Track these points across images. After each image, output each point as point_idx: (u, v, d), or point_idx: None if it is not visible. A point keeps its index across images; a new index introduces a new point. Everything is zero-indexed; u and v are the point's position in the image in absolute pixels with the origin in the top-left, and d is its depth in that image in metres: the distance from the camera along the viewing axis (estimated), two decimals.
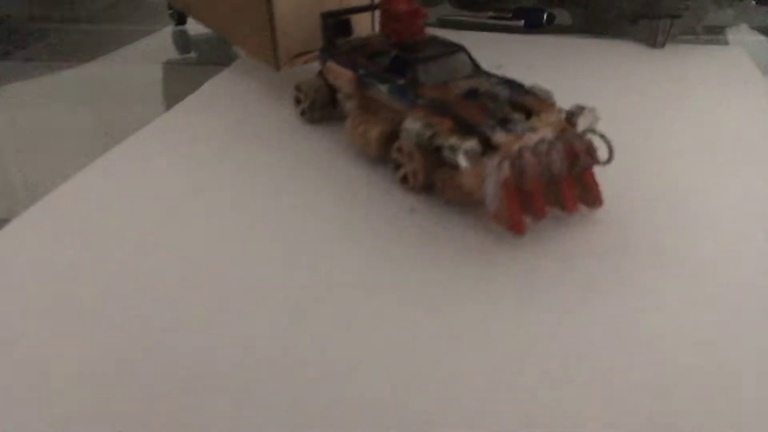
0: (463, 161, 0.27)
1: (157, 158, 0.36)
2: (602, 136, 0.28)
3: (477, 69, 0.33)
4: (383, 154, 0.33)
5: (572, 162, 0.28)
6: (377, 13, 0.38)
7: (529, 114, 0.29)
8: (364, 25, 0.39)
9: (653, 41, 0.50)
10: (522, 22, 0.54)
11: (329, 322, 0.24)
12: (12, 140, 0.41)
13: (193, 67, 0.54)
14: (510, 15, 0.55)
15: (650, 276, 0.26)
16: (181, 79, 0.51)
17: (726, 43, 0.53)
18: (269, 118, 0.40)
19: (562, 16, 0.57)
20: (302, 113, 0.39)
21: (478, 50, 0.50)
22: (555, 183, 0.28)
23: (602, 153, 0.29)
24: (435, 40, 0.33)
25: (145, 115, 0.42)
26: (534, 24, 0.54)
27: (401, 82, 0.31)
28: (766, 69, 0.46)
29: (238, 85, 0.45)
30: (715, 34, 0.55)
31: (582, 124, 0.29)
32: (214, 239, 0.29)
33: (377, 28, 0.40)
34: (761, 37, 0.55)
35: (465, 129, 0.28)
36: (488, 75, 0.32)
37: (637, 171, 0.33)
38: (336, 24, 0.36)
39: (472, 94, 0.30)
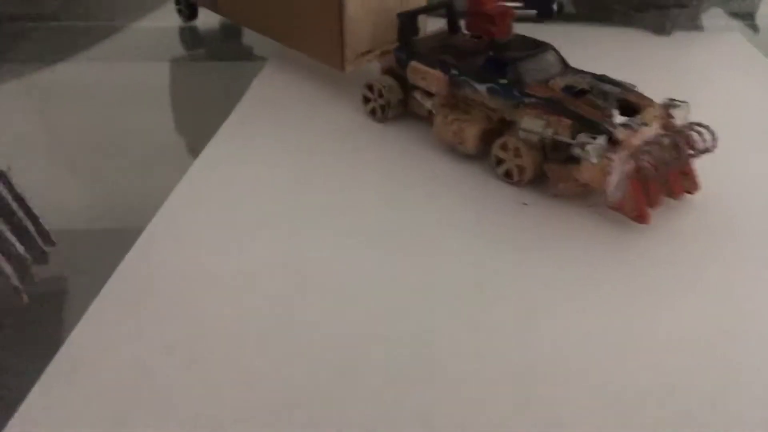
0: (594, 157, 0.29)
1: (245, 165, 0.36)
2: (708, 127, 0.31)
3: (566, 66, 0.34)
4: (481, 150, 0.34)
5: (679, 153, 0.30)
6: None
7: (633, 110, 0.31)
8: (420, 25, 0.40)
9: (661, 29, 0.53)
10: (534, 12, 0.56)
11: (508, 315, 0.25)
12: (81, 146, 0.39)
13: (203, 63, 0.52)
14: (521, 5, 0.56)
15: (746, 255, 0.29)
16: (200, 75, 0.50)
17: (701, 28, 0.56)
18: (336, 117, 0.40)
19: (567, 5, 0.59)
20: (372, 112, 0.39)
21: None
22: (665, 173, 0.30)
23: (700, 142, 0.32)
24: (525, 39, 0.35)
25: (195, 119, 0.42)
26: (545, 13, 0.56)
27: (503, 81, 0.33)
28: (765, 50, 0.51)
29: (288, 84, 0.44)
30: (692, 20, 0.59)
31: (680, 116, 0.31)
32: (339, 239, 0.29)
33: (427, 28, 0.41)
34: (736, 22, 0.60)
35: (586, 126, 0.30)
36: (577, 71, 0.34)
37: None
38: (411, 24, 0.37)
39: (569, 90, 0.32)
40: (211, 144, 0.38)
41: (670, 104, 0.32)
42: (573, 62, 0.35)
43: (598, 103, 0.31)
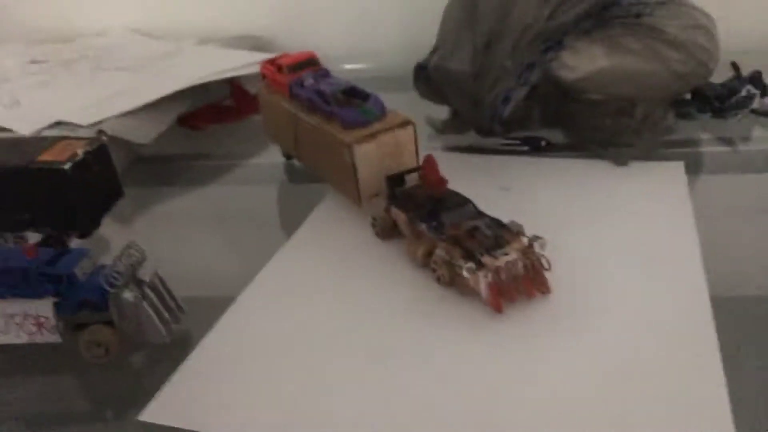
0: (466, 274, 0.50)
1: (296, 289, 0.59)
2: (543, 256, 0.51)
3: (478, 213, 0.55)
4: (425, 263, 0.56)
5: (528, 270, 0.50)
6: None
7: (507, 242, 0.52)
8: (412, 177, 0.63)
9: (618, 161, 0.72)
10: (526, 147, 0.77)
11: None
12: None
13: (302, 186, 0.79)
14: (518, 143, 0.77)
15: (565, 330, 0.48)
16: (291, 198, 0.77)
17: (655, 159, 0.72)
18: (358, 237, 0.64)
19: (557, 137, 0.79)
20: (377, 234, 0.63)
21: (492, 171, 0.72)
22: (519, 281, 0.50)
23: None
24: (454, 194, 0.57)
25: (267, 235, 0.67)
26: (534, 147, 0.77)
27: (434, 223, 0.55)
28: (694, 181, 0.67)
29: (336, 212, 0.69)
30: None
31: (537, 247, 0.51)
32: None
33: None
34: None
35: (468, 254, 0.51)
36: (484, 216, 0.55)
37: (574, 268, 0.55)
38: (394, 181, 0.60)
39: (474, 229, 0.53)
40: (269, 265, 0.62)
41: (533, 238, 0.52)
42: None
43: (481, 239, 0.52)
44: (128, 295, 0.48)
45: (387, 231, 0.61)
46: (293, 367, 0.48)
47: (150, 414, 0.45)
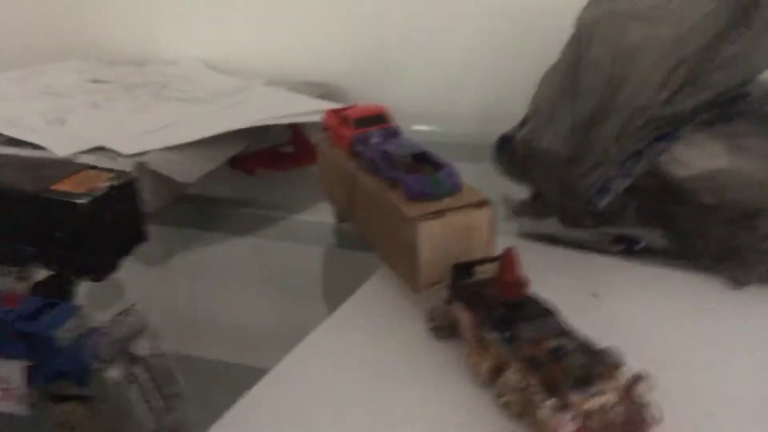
0: (546, 414, 0.38)
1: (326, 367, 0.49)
2: (649, 405, 0.38)
3: (564, 330, 0.44)
4: (490, 381, 0.44)
5: (628, 420, 0.38)
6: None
7: (599, 376, 0.40)
8: (486, 268, 0.51)
9: (736, 281, 0.59)
10: (620, 247, 0.65)
11: None
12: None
13: (350, 252, 0.69)
14: (611, 238, 0.66)
15: None
16: (338, 265, 0.67)
17: None
18: (408, 331, 0.52)
19: (656, 238, 0.67)
20: (431, 330, 0.51)
21: (577, 271, 0.61)
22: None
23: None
24: (535, 302, 0.45)
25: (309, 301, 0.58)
26: (630, 250, 0.65)
27: (507, 334, 0.43)
28: None
29: (385, 292, 0.58)
30: None
31: (642, 389, 0.39)
32: None
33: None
34: None
35: (550, 386, 0.39)
36: (571, 336, 0.43)
37: (689, 426, 0.42)
38: (461, 271, 0.49)
39: (558, 349, 0.42)
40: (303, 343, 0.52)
41: (636, 377, 0.40)
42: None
43: (567, 368, 0.40)
44: (113, 373, 0.38)
45: (445, 329, 0.50)
46: None
47: None
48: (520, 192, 0.71)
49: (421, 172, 0.54)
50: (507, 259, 0.46)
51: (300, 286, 0.66)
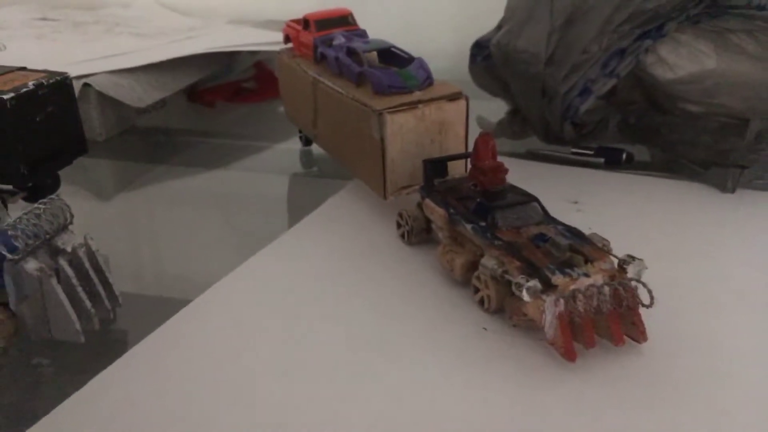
0: (526, 296, 0.34)
1: (284, 272, 0.45)
2: (644, 285, 0.34)
3: (547, 216, 0.40)
4: (465, 278, 0.40)
5: (618, 303, 0.34)
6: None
7: (587, 260, 0.36)
8: (458, 167, 0.47)
9: (723, 187, 0.55)
10: (602, 160, 0.61)
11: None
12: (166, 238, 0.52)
13: (315, 179, 0.64)
14: (591, 153, 0.61)
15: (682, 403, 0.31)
16: (305, 189, 0.62)
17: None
18: (377, 238, 0.48)
19: (642, 153, 0.63)
20: (402, 236, 0.47)
21: (559, 183, 0.57)
22: (605, 319, 0.34)
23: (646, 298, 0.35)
24: (513, 190, 0.41)
25: (272, 224, 0.53)
26: (613, 162, 0.61)
27: (483, 224, 0.39)
28: None
29: (353, 204, 0.54)
30: None
31: (631, 272, 0.35)
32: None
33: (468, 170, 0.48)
34: None
35: (530, 269, 0.35)
36: (556, 222, 0.39)
37: (678, 312, 0.38)
38: (434, 168, 0.45)
39: (540, 238, 0.37)
40: (271, 245, 0.48)
41: (625, 259, 0.36)
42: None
43: (553, 252, 0.36)
44: (32, 266, 0.33)
45: (416, 233, 0.46)
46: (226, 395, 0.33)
47: None
48: (496, 113, 0.67)
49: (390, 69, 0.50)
50: (482, 144, 0.41)
51: (263, 211, 0.61)
